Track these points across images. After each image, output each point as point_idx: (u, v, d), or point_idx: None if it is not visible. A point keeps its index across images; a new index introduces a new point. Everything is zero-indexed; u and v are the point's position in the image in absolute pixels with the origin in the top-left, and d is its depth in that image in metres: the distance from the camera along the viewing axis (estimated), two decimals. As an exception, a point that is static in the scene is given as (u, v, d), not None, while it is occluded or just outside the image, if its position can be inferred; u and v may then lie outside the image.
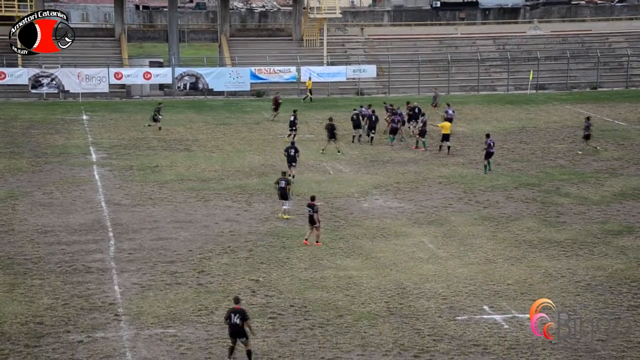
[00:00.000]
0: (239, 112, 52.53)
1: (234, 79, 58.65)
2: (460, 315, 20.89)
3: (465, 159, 38.92)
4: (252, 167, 37.36)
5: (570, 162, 37.84)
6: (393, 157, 39.46)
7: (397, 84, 61.29)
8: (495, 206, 30.86)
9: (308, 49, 64.30)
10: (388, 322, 20.47)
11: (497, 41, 66.49)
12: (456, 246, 26.29)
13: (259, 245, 26.40)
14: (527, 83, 59.58)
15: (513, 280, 23.15)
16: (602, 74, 63.27)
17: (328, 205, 31.07)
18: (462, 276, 23.55)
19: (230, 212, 30.24)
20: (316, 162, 38.49)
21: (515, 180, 34.77)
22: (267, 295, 22.21)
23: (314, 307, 21.37)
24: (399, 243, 26.62)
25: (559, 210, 30.28)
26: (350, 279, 23.36)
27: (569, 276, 23.46)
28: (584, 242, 26.58)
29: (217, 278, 23.52)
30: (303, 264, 24.68)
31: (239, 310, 18.52)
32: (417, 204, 31.30)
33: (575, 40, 66.73)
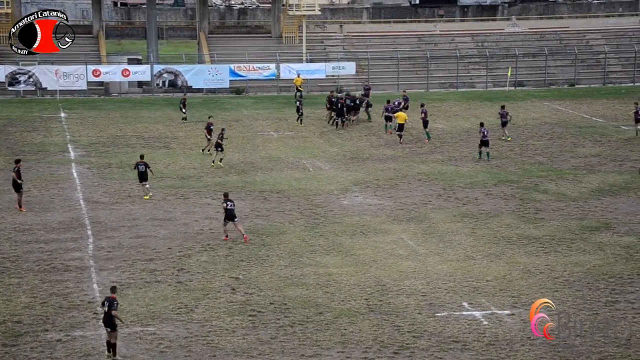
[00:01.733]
0: (218, 110, 52.35)
1: (212, 76, 58.43)
2: (439, 311, 20.97)
3: (444, 155, 39.05)
4: (231, 165, 37.28)
5: (549, 159, 38.08)
6: (372, 154, 39.53)
7: (376, 81, 61.26)
8: (474, 203, 30.98)
9: (287, 46, 64.18)
10: (368, 319, 20.51)
11: (475, 38, 66.71)
12: (436, 243, 26.38)
13: (239, 243, 26.35)
14: (505, 80, 59.83)
15: (492, 277, 23.27)
16: (579, 71, 63.64)
17: (308, 202, 31.08)
18: (441, 273, 23.64)
19: (210, 210, 30.16)
20: (295, 159, 38.48)
21: (494, 176, 34.93)
22: (247, 293, 22.18)
23: (294, 305, 21.37)
24: (379, 240, 26.67)
25: (537, 206, 30.45)
26: (330, 276, 23.38)
27: (548, 272, 23.61)
28: (562, 238, 26.75)
29: (196, 276, 23.45)
30: (283, 261, 24.67)
31: (109, 298, 18.72)
32: (397, 200, 31.37)
33: (553, 37, 67.08)
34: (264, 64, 59.59)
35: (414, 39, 66.38)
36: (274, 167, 37.02)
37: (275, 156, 39.08)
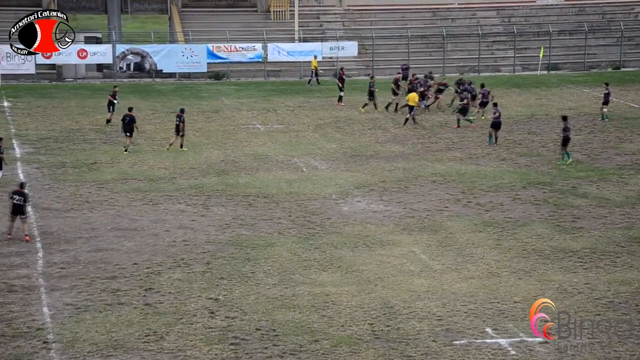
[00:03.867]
0: (194, 98, 52.45)
1: (187, 58, 58.58)
2: (458, 339, 21.04)
3: (463, 153, 39.18)
4: (210, 164, 37.35)
5: (589, 157, 38.22)
6: (378, 151, 39.66)
7: (382, 64, 61.49)
8: (499, 209, 31.10)
9: (276, 23, 64.33)
10: (373, 348, 20.58)
11: (501, 12, 66.90)
12: (453, 257, 26.47)
13: (219, 257, 26.42)
14: (537, 62, 60.06)
15: (521, 298, 23.35)
16: (626, 51, 63.87)
17: (301, 208, 31.18)
18: (460, 293, 23.72)
19: (184, 218, 30.21)
20: (286, 157, 38.58)
21: (523, 178, 35.05)
22: (228, 317, 22.24)
23: (285, 331, 21.43)
24: (385, 254, 26.76)
25: (575, 213, 30.56)
26: (328, 297, 23.45)
27: (588, 292, 23.70)
28: (605, 251, 26.86)
29: (168, 297, 23.51)
30: (271, 279, 24.74)
31: None
32: (407, 206, 31.46)
33: (595, 10, 67.32)
34: (248, 44, 59.76)
35: (428, 13, 66.59)
36: (260, 166, 37.11)
37: (262, 153, 39.17)
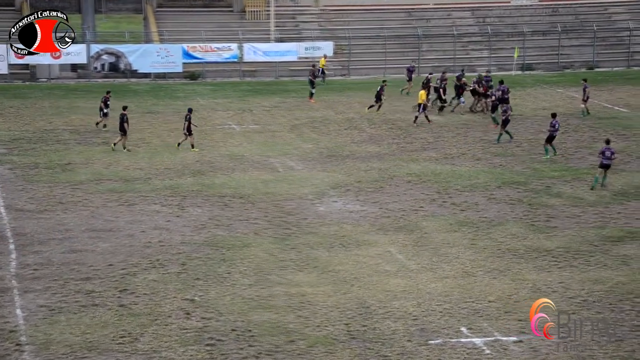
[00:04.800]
0: (169, 99, 52.29)
1: (162, 58, 58.35)
2: (433, 338, 21.09)
3: (438, 153, 39.29)
4: (185, 164, 37.25)
5: (563, 157, 38.41)
6: (354, 151, 39.69)
7: (358, 64, 61.56)
8: (474, 209, 31.19)
9: (252, 23, 64.22)
10: (348, 348, 20.59)
11: (476, 13, 67.14)
12: (429, 257, 26.53)
13: (194, 258, 26.35)
14: (511, 62, 60.31)
15: (495, 297, 23.44)
16: (599, 52, 64.25)
17: (277, 209, 31.14)
18: (435, 292, 23.77)
19: (160, 219, 30.12)
20: (262, 157, 38.54)
21: (497, 177, 35.18)
22: (204, 318, 22.19)
23: (260, 331, 21.41)
24: (361, 254, 26.78)
25: (549, 213, 30.71)
26: (304, 297, 23.44)
27: (562, 291, 23.82)
28: (579, 250, 27.00)
29: (143, 298, 23.42)
30: (247, 279, 24.71)
31: None
32: (383, 206, 31.51)
33: (568, 11, 67.67)
34: (224, 44, 59.61)
35: (403, 13, 66.72)
36: (236, 167, 37.05)
37: (238, 154, 39.11)
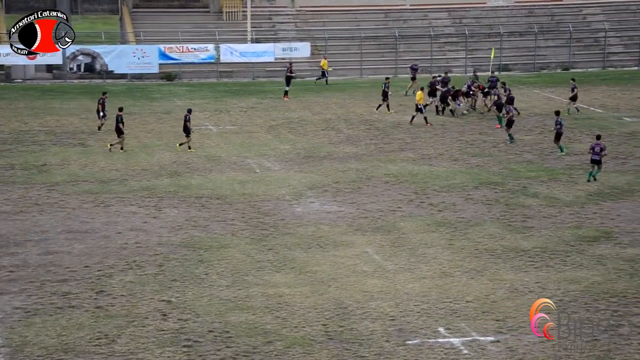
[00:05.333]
0: (146, 99, 52.12)
1: (138, 59, 58.17)
2: (411, 339, 21.12)
3: (416, 153, 39.36)
4: (162, 165, 37.14)
5: (539, 157, 38.59)
6: (331, 151, 39.71)
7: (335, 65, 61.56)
8: (451, 209, 31.27)
9: (228, 23, 64.12)
10: (326, 349, 20.58)
11: (452, 14, 67.32)
12: (406, 257, 26.57)
13: (171, 259, 26.27)
14: (488, 63, 60.45)
15: (473, 297, 23.50)
16: (575, 53, 64.61)
17: (254, 210, 31.10)
18: (413, 293, 23.81)
19: (136, 220, 30.02)
20: (239, 158, 38.49)
21: (475, 178, 35.29)
22: (180, 319, 22.12)
23: (238, 332, 21.37)
24: (339, 254, 26.78)
25: (525, 213, 30.83)
26: (281, 298, 23.42)
27: (538, 291, 23.92)
28: (555, 250, 27.12)
29: (119, 299, 23.33)
30: (224, 280, 24.66)
31: None
32: (360, 207, 31.53)
33: (544, 12, 67.99)
34: (200, 45, 59.50)
35: (380, 14, 66.82)
36: (213, 167, 36.98)
37: (215, 155, 39.05)
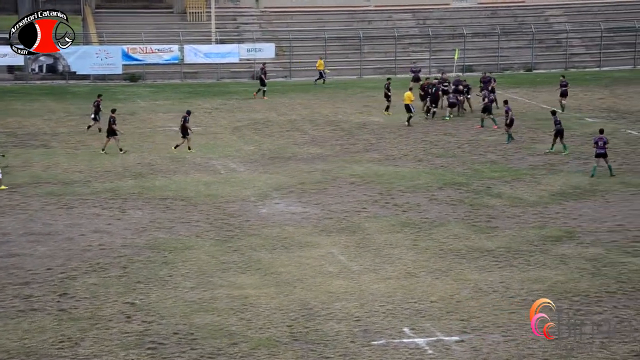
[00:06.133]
0: (109, 100, 51.78)
1: (101, 60, 57.85)
2: (376, 339, 21.16)
3: (381, 154, 39.46)
4: (125, 167, 36.95)
5: (503, 157, 38.83)
6: (296, 152, 39.70)
7: (299, 66, 61.63)
8: (416, 210, 31.38)
9: (192, 24, 63.95)
10: (291, 350, 20.57)
11: (416, 15, 67.62)
12: (371, 258, 26.61)
13: (135, 261, 26.15)
14: (452, 64, 60.76)
15: (437, 297, 23.59)
16: (537, 54, 65.13)
17: (219, 211, 31.02)
18: (378, 293, 23.86)
19: (100, 222, 29.84)
20: (204, 159, 38.37)
21: (439, 178, 35.43)
22: (145, 321, 22.02)
23: (203, 334, 21.30)
24: (304, 255, 26.78)
25: (490, 213, 31.00)
26: (246, 300, 23.38)
27: (502, 291, 24.06)
28: (519, 250, 27.29)
29: (83, 302, 23.18)
30: (189, 282, 24.58)
31: None
32: (325, 208, 31.55)
33: (507, 13, 68.48)
34: (164, 46, 59.27)
35: (344, 15, 66.93)
36: (177, 169, 36.85)
37: (179, 156, 38.91)
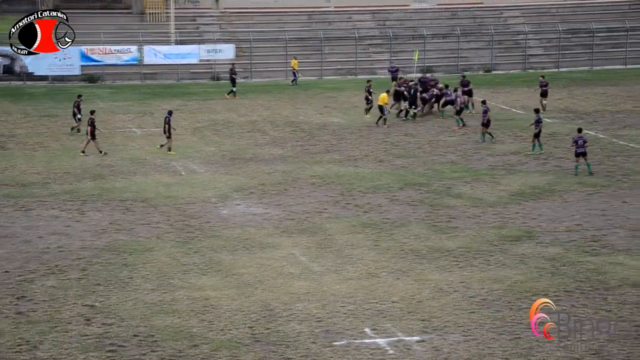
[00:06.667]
0: (68, 102, 51.37)
1: (60, 60, 57.36)
2: (337, 340, 21.17)
3: (341, 155, 39.51)
4: (84, 168, 36.67)
5: (463, 158, 39.04)
6: (257, 153, 39.64)
7: (260, 67, 61.58)
8: (377, 210, 31.45)
9: (152, 25, 63.64)
10: (252, 351, 20.54)
11: (376, 16, 67.83)
12: (332, 259, 26.63)
13: (95, 263, 25.95)
14: (412, 65, 61.01)
15: (398, 297, 23.66)
16: (496, 55, 65.60)
17: (179, 212, 30.88)
18: (339, 294, 23.88)
19: (58, 224, 29.59)
20: (164, 161, 38.19)
21: (400, 179, 35.55)
22: (104, 324, 21.86)
23: (163, 336, 21.19)
24: (265, 256, 26.74)
25: (450, 213, 31.15)
26: (207, 301, 23.30)
27: (463, 290, 24.18)
28: (479, 250, 27.46)
29: (41, 305, 22.97)
30: (149, 284, 24.44)
31: None
32: (286, 209, 31.53)
33: (466, 15, 68.92)
34: (123, 46, 58.90)
35: (304, 16, 66.97)
36: (137, 170, 36.64)
37: (139, 157, 38.69)
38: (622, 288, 24.08)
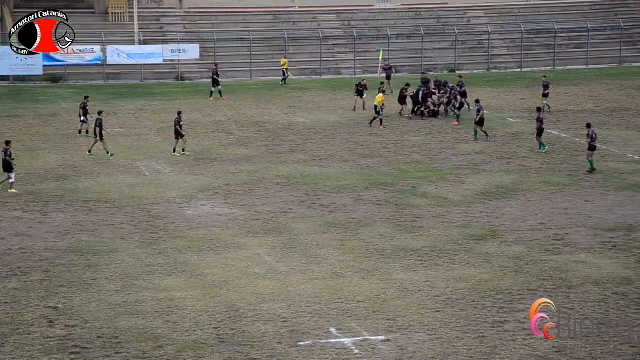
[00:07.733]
0: (30, 102, 50.97)
1: (21, 60, 56.80)
2: (303, 340, 21.18)
3: (307, 155, 39.51)
4: (47, 169, 36.39)
5: (427, 158, 39.20)
6: (222, 154, 39.54)
7: (224, 67, 61.37)
8: (342, 210, 31.49)
9: (115, 25, 63.26)
10: (218, 352, 20.49)
11: (341, 16, 67.90)
12: (298, 259, 26.64)
13: (58, 265, 25.77)
14: (376, 65, 61.19)
15: (364, 297, 23.71)
16: (460, 55, 65.94)
17: (144, 213, 30.74)
18: (305, 294, 23.89)
19: (21, 225, 29.35)
20: (128, 161, 37.99)
21: (365, 179, 35.61)
22: (68, 326, 21.71)
23: (128, 338, 21.08)
24: (231, 257, 26.69)
25: (415, 213, 31.26)
26: (172, 302, 23.21)
27: (428, 290, 24.28)
28: (444, 249, 27.58)
29: (3, 307, 22.78)
30: (113, 285, 24.31)
31: None
32: (252, 209, 31.48)
33: (430, 15, 69.18)
34: (86, 46, 58.47)
35: (269, 16, 66.89)
36: (101, 171, 36.41)
37: (103, 158, 38.44)
38: (585, 286, 24.33)
